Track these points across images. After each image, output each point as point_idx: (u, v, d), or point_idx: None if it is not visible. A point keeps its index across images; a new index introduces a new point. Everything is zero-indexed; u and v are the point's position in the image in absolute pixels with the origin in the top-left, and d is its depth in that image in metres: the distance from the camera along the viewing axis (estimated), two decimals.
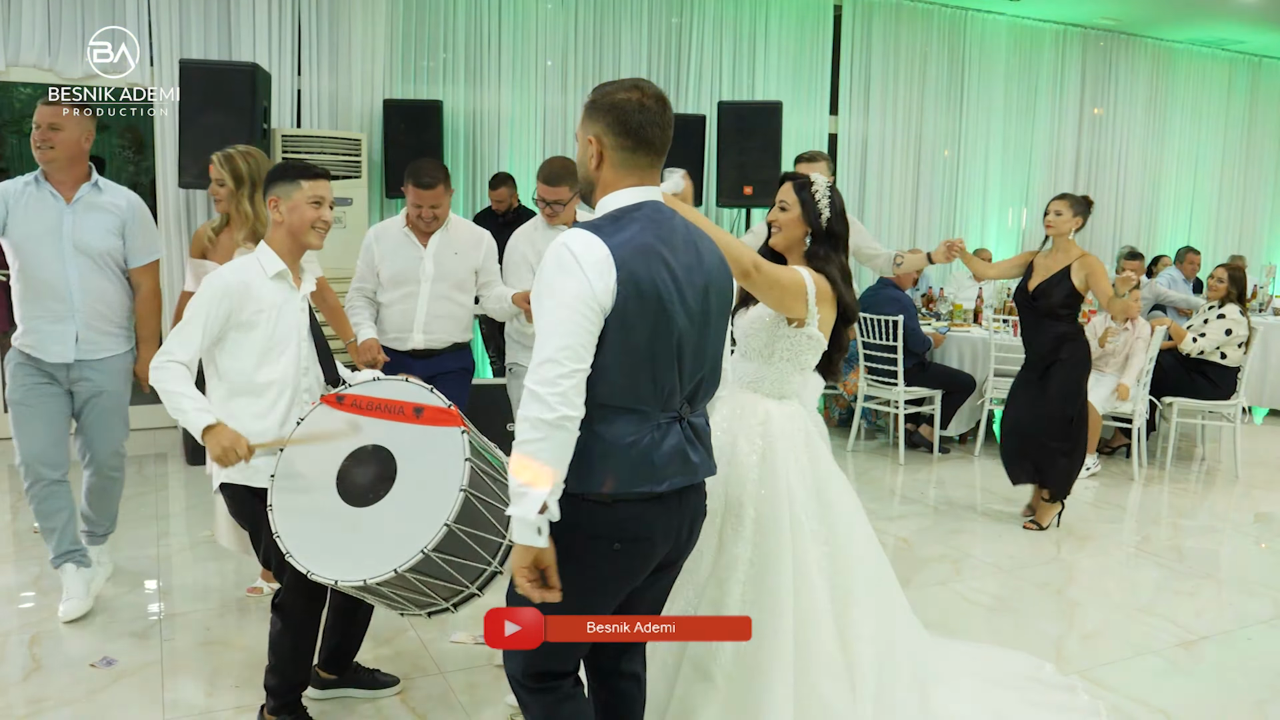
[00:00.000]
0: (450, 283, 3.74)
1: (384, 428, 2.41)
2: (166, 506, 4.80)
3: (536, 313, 1.81)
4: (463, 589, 2.43)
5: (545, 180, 3.73)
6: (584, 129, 1.90)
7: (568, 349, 1.75)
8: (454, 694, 3.00)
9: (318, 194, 2.62)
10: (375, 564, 2.23)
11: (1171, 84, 9.56)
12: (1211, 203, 10.09)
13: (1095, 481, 5.70)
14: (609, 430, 1.83)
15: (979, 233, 8.75)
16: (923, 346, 6.11)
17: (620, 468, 1.83)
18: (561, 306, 1.76)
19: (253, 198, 3.32)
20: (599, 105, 1.88)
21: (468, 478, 2.23)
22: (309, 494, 2.42)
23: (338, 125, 6.36)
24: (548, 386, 1.74)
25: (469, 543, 2.30)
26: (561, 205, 3.73)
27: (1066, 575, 4.18)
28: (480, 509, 2.30)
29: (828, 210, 2.56)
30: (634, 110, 1.85)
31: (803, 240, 2.60)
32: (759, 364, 2.58)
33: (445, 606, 2.46)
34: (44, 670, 3.08)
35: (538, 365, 1.76)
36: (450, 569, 2.32)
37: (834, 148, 8.04)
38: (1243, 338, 5.88)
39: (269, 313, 2.57)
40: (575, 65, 7.05)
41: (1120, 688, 3.13)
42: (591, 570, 1.87)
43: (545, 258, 1.82)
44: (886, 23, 8.07)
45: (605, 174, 1.90)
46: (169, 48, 5.89)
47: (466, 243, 3.77)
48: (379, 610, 3.55)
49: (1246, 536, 4.89)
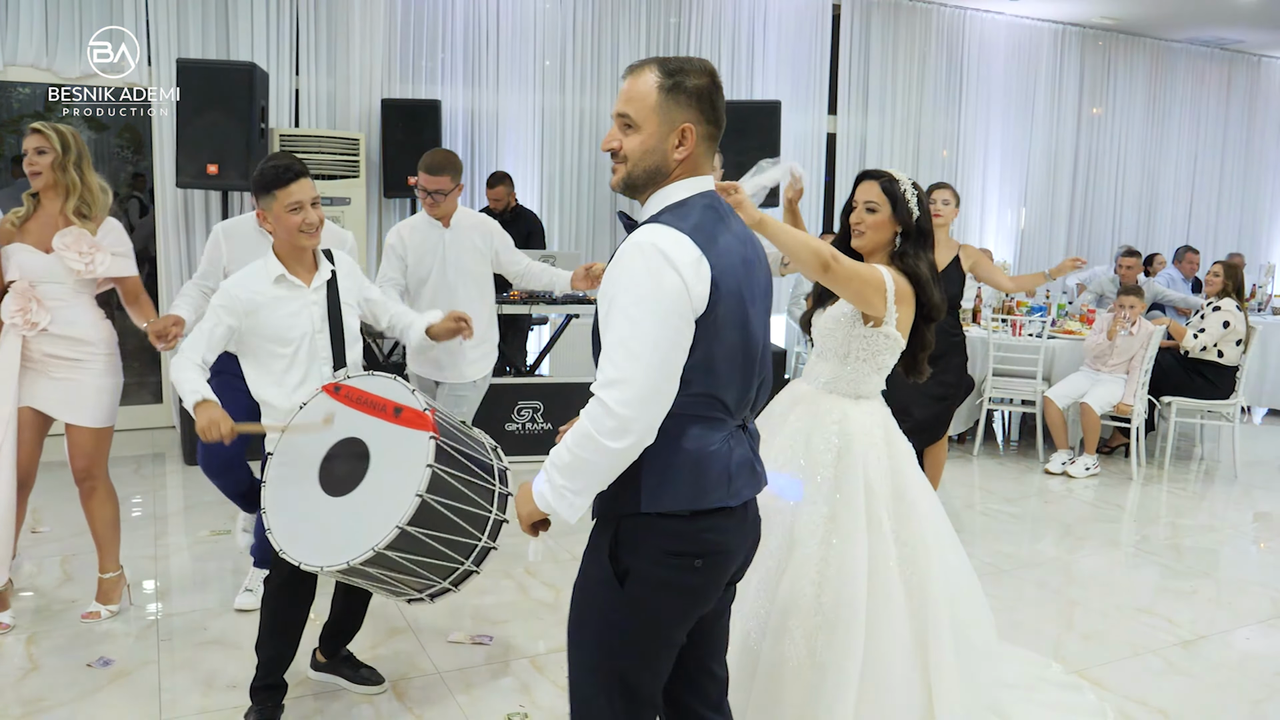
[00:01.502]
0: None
1: (366, 423, 2.47)
2: (164, 506, 4.79)
3: (613, 322, 1.62)
4: (434, 582, 2.50)
5: (428, 170, 3.73)
6: (664, 117, 1.69)
7: (661, 369, 1.60)
8: (450, 694, 3.00)
9: (293, 200, 2.63)
10: (334, 554, 2.33)
11: (1170, 83, 9.57)
12: (1210, 202, 10.09)
13: (1094, 481, 5.69)
14: (691, 442, 1.70)
15: (978, 233, 8.75)
16: None
17: (703, 481, 1.70)
18: (651, 316, 1.59)
19: (80, 165, 3.24)
20: (685, 90, 1.69)
21: (426, 483, 2.30)
22: (296, 484, 2.51)
23: (336, 125, 6.35)
24: (630, 409, 1.58)
25: (430, 542, 2.36)
26: (443, 195, 3.75)
27: (1065, 575, 4.18)
28: (444, 511, 2.37)
29: (917, 207, 2.54)
30: (716, 94, 1.73)
31: (891, 241, 2.55)
32: (835, 364, 2.55)
33: (421, 598, 2.56)
34: (41, 670, 3.08)
35: (619, 382, 1.59)
36: (415, 565, 2.40)
37: (832, 147, 8.05)
38: (1240, 334, 5.88)
39: (273, 312, 2.67)
40: (573, 65, 7.05)
41: (1119, 687, 3.13)
42: (674, 591, 1.73)
43: (623, 261, 1.64)
44: (885, 22, 8.07)
45: (686, 165, 1.73)
46: (167, 47, 5.89)
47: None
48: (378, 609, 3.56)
49: (1245, 536, 4.89)
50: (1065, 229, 9.17)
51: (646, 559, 1.71)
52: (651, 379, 1.59)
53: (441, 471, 2.35)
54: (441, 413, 2.51)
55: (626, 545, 1.71)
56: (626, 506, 1.70)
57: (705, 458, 1.70)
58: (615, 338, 1.61)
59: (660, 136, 1.70)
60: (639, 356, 1.58)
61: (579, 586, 1.80)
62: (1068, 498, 5.38)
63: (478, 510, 2.48)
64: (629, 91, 1.71)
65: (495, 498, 2.53)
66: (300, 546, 2.39)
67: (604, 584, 1.73)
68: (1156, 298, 7.88)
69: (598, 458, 1.61)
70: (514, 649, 3.30)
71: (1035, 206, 9.03)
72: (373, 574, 2.40)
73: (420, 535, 2.33)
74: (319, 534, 2.40)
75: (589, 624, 1.77)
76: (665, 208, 1.72)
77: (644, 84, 1.70)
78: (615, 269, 1.65)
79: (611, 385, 1.59)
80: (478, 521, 2.48)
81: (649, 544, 1.70)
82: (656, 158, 1.71)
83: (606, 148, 1.74)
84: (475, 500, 2.47)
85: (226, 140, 5.35)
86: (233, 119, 5.35)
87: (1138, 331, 5.80)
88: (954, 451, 6.29)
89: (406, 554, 2.35)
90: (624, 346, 1.60)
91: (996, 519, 4.95)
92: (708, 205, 1.74)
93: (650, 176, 1.73)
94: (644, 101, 1.69)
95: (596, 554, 1.76)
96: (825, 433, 2.50)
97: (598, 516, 1.77)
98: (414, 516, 2.28)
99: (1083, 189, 9.23)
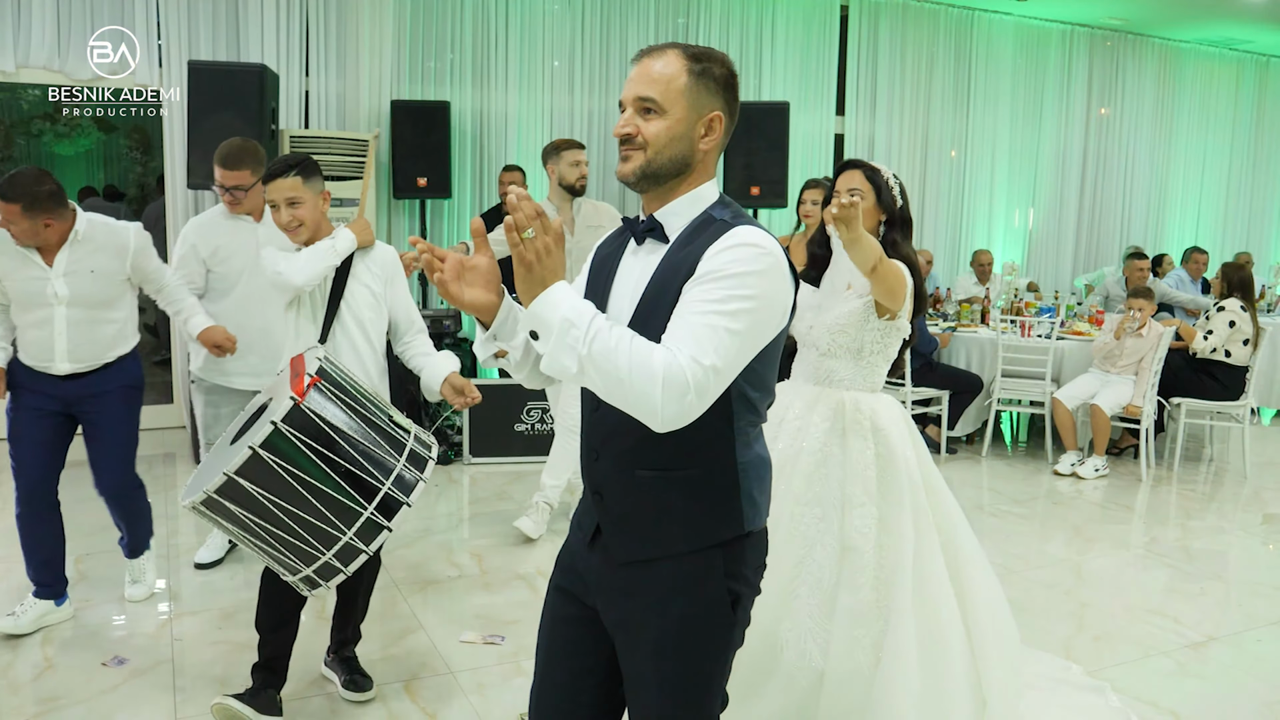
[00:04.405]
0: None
1: (282, 387, 2.48)
2: (175, 506, 4.81)
3: (717, 297, 1.46)
4: (308, 552, 2.38)
5: (223, 163, 3.39)
6: (693, 102, 1.55)
7: (733, 367, 1.48)
8: (463, 693, 3.01)
9: (268, 198, 2.73)
10: (189, 494, 2.37)
11: (1179, 84, 9.54)
12: (1219, 203, 10.06)
13: (1103, 482, 5.69)
14: (765, 450, 1.66)
15: (985, 233, 8.74)
16: (930, 346, 6.11)
17: (765, 491, 1.66)
18: (748, 315, 1.46)
19: None
20: (717, 79, 1.56)
21: (262, 439, 2.26)
22: (222, 446, 2.56)
23: (345, 126, 6.37)
24: (706, 400, 1.44)
25: (266, 505, 2.30)
26: (244, 191, 3.44)
27: (1075, 576, 4.18)
28: (286, 478, 2.28)
29: (901, 196, 2.56)
30: (737, 88, 1.61)
31: (876, 229, 2.57)
32: (849, 361, 2.57)
33: (307, 573, 2.41)
34: (56, 669, 3.10)
35: (714, 370, 1.43)
36: (265, 525, 2.34)
37: (840, 148, 8.05)
38: (1247, 333, 5.87)
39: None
40: (582, 66, 7.06)
41: (1129, 689, 3.13)
42: (747, 608, 1.66)
43: (731, 256, 1.48)
44: (893, 23, 8.07)
45: (708, 160, 1.60)
46: (177, 49, 5.91)
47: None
48: (390, 610, 3.57)
49: (1255, 537, 4.88)
50: (1073, 229, 9.16)
51: (747, 579, 1.64)
52: (726, 382, 1.48)
53: (290, 434, 2.28)
54: (345, 394, 2.43)
55: (733, 570, 1.61)
56: (732, 529, 1.60)
57: (765, 466, 1.67)
58: (721, 322, 1.45)
59: (689, 123, 1.55)
60: (722, 368, 1.45)
61: (670, 632, 1.60)
62: (1077, 499, 5.38)
63: (334, 493, 2.32)
64: (649, 74, 1.54)
65: (375, 494, 2.35)
66: (186, 493, 2.42)
67: (715, 622, 1.61)
68: (1164, 298, 7.86)
69: (634, 390, 1.40)
70: (526, 649, 3.31)
71: (1043, 207, 9.01)
72: (236, 515, 2.33)
73: (254, 492, 2.28)
74: (196, 480, 2.47)
75: (701, 667, 1.62)
76: (715, 205, 1.59)
77: (669, 66, 1.54)
78: (725, 256, 1.49)
79: (703, 365, 1.42)
80: (332, 504, 2.33)
81: (751, 561, 1.64)
82: (683, 146, 1.55)
83: (620, 133, 1.56)
84: (336, 483, 2.32)
85: None
86: (242, 120, 5.36)
87: (1147, 333, 5.79)
88: (963, 452, 6.29)
89: (245, 511, 2.31)
90: (727, 335, 1.44)
91: (1006, 520, 4.95)
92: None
93: (675, 167, 1.56)
94: (671, 84, 1.53)
95: (697, 587, 1.60)
96: (860, 431, 2.50)
97: (690, 549, 1.60)
98: (241, 467, 2.25)
99: (1091, 190, 9.21)
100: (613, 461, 1.62)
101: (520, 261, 1.44)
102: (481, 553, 4.25)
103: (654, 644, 1.61)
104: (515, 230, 1.43)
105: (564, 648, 1.73)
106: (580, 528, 1.74)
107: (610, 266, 1.68)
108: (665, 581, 1.60)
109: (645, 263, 1.61)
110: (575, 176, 4.35)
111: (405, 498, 2.40)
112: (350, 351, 2.83)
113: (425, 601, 3.72)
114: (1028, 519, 4.98)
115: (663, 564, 1.60)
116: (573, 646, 1.72)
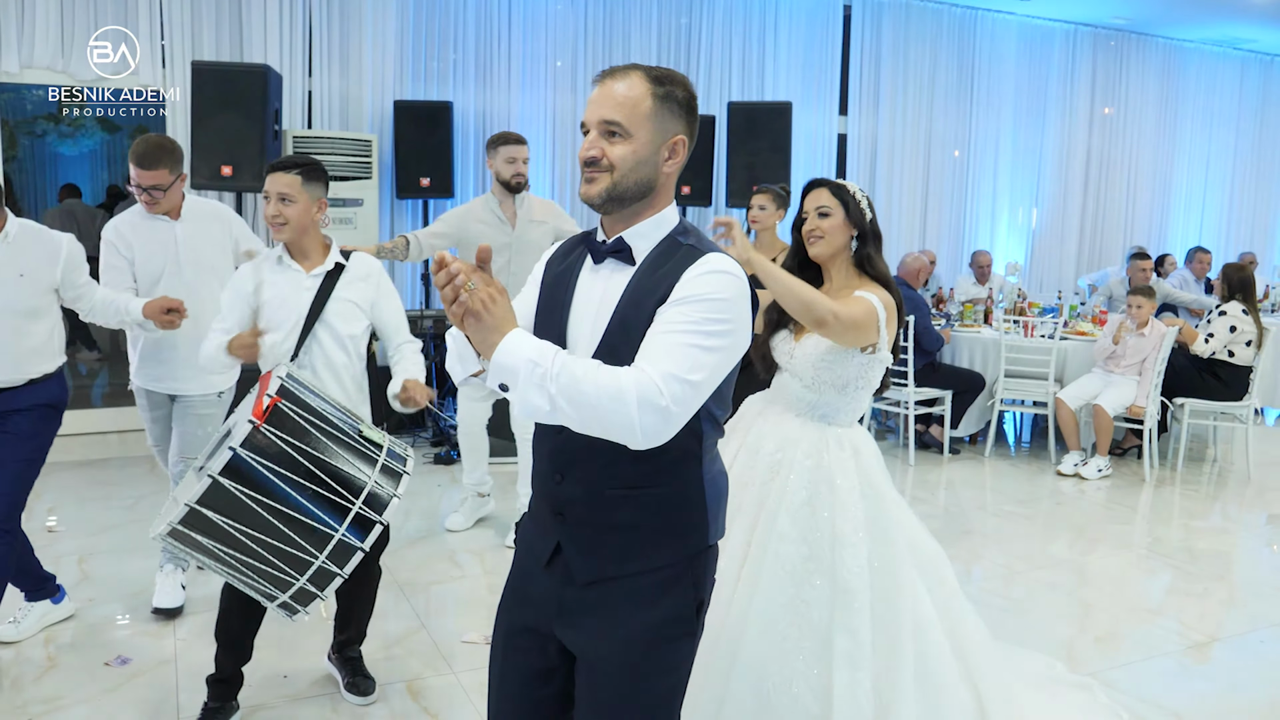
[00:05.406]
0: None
1: (245, 408, 2.45)
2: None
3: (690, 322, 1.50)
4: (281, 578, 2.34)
5: (139, 162, 3.25)
6: (658, 126, 1.57)
7: (708, 385, 1.52)
8: (465, 693, 3.01)
9: (265, 190, 2.74)
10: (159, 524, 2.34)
11: (1182, 83, 9.53)
12: (1223, 202, 10.05)
13: (1106, 483, 5.68)
14: (716, 468, 1.70)
15: (989, 233, 8.74)
16: (935, 345, 6.10)
17: (724, 506, 1.73)
18: (723, 337, 1.51)
19: None
20: (680, 101, 1.59)
21: (221, 466, 2.21)
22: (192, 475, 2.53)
23: (348, 126, 6.38)
24: (680, 405, 1.47)
25: (232, 532, 2.25)
26: (161, 191, 3.30)
27: (1078, 577, 4.17)
28: (249, 504, 2.24)
29: (869, 209, 2.55)
30: (697, 109, 1.64)
31: (847, 245, 2.54)
32: (833, 395, 2.50)
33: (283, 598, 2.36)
34: (59, 669, 3.10)
35: (689, 385, 1.46)
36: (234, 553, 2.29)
37: (843, 148, 8.05)
38: (1249, 335, 5.85)
39: (271, 292, 2.78)
40: (585, 66, 7.06)
41: (1132, 690, 3.13)
42: (704, 615, 1.72)
43: (708, 283, 1.52)
44: (896, 23, 8.07)
45: (670, 183, 1.63)
46: (180, 49, 5.92)
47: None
48: (393, 610, 3.58)
49: (1258, 538, 4.87)
50: (1077, 229, 9.15)
51: (708, 588, 1.69)
52: (703, 397, 1.52)
53: (250, 459, 2.22)
54: (311, 412, 2.38)
55: (699, 579, 1.66)
56: (700, 541, 1.65)
57: (726, 479, 1.75)
58: (699, 341, 1.49)
59: (654, 147, 1.57)
60: (701, 366, 1.49)
61: (638, 645, 1.62)
62: (1080, 499, 5.37)
63: (303, 517, 2.27)
64: (614, 96, 1.55)
65: (346, 514, 2.31)
66: (156, 523, 2.39)
67: (682, 633, 1.65)
68: (1167, 298, 7.85)
69: (608, 412, 1.42)
70: None
71: (1047, 207, 9.01)
72: (204, 545, 2.29)
73: (219, 521, 2.23)
74: (167, 508, 2.46)
75: (665, 680, 1.65)
76: (678, 230, 1.62)
77: (634, 89, 1.55)
78: (702, 282, 1.53)
79: (670, 378, 1.45)
80: (300, 528, 2.28)
81: (711, 570, 1.70)
82: (648, 169, 1.57)
83: (586, 157, 1.56)
84: (303, 505, 2.27)
85: (240, 142, 5.38)
86: (246, 121, 5.37)
87: (1149, 333, 5.78)
88: (965, 452, 6.28)
89: (213, 541, 2.26)
90: (705, 353, 1.49)
91: (1008, 520, 4.94)
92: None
93: (640, 190, 1.57)
94: (637, 108, 1.55)
95: (665, 599, 1.62)
96: (844, 470, 2.44)
97: (659, 565, 1.63)
98: (203, 496, 2.21)
99: (1094, 189, 9.20)
100: (579, 483, 1.62)
101: (469, 315, 1.43)
102: (483, 553, 4.25)
103: (619, 659, 1.62)
104: (455, 288, 1.41)
105: (517, 672, 1.73)
106: (532, 551, 1.72)
107: (567, 283, 1.66)
108: (631, 596, 1.62)
109: (609, 282, 1.61)
110: (510, 174, 4.19)
111: (378, 516, 2.35)
112: (325, 366, 2.81)
113: (427, 602, 3.72)
114: (1030, 519, 4.97)
115: (626, 580, 1.62)
116: (528, 671, 1.72)
